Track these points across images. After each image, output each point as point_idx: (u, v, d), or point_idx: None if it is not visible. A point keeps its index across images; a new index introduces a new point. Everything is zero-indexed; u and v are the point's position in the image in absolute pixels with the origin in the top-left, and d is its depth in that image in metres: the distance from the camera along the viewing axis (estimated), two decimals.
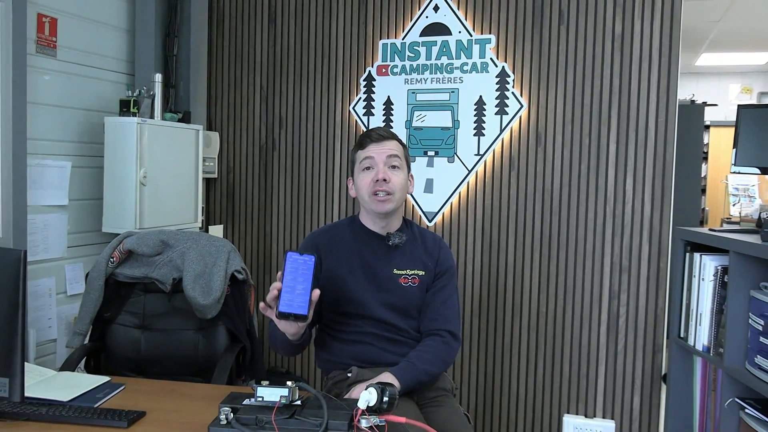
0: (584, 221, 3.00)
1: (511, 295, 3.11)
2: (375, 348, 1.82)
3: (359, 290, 1.86)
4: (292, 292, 1.47)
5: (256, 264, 3.55)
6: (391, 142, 1.89)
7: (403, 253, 1.91)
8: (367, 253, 1.90)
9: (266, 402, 1.30)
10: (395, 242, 1.89)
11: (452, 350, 1.86)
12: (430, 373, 1.79)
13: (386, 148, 1.87)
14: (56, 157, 2.82)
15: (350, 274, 1.88)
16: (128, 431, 1.60)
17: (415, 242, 1.95)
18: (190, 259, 2.42)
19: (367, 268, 1.89)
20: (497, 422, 3.15)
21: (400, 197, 1.89)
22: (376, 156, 1.85)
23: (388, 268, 1.89)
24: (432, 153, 3.22)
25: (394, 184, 1.85)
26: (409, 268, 1.90)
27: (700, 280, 2.15)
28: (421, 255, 1.93)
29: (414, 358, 1.77)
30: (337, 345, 1.89)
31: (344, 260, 1.90)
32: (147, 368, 2.41)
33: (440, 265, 1.94)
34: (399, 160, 1.88)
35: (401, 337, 1.86)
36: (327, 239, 1.94)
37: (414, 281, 1.90)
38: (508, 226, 3.11)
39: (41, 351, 2.79)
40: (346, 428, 1.25)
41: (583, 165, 3.00)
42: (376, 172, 1.84)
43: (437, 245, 1.97)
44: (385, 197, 1.85)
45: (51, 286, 2.84)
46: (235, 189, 3.58)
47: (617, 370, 2.96)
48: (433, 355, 1.80)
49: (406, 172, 1.93)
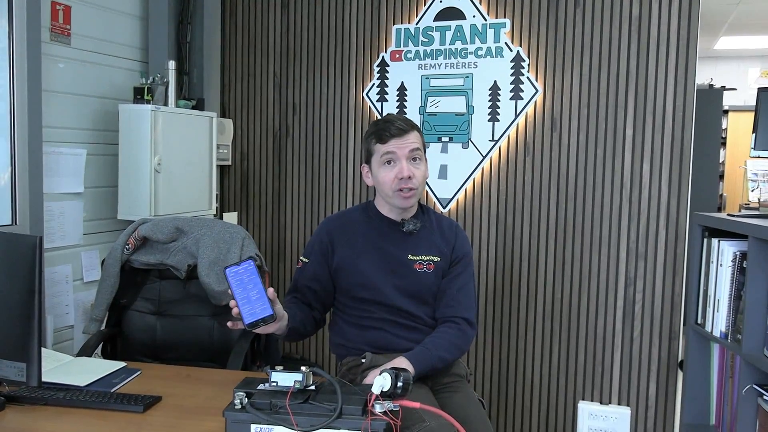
0: (600, 207, 2.97)
1: (525, 282, 3.10)
2: (389, 334, 1.82)
3: (374, 276, 1.85)
4: (249, 302, 1.47)
5: (270, 251, 3.56)
6: (412, 134, 1.86)
7: (418, 239, 1.90)
8: (382, 238, 1.89)
9: (280, 387, 1.30)
10: (410, 228, 1.88)
11: (468, 337, 1.85)
12: (445, 359, 1.78)
13: (408, 142, 1.84)
14: (71, 145, 2.84)
15: (364, 260, 1.87)
16: (144, 416, 1.62)
17: (431, 228, 1.93)
18: (204, 245, 2.42)
19: (381, 254, 1.87)
20: (512, 408, 3.14)
21: (422, 189, 1.90)
22: (398, 151, 1.83)
23: (403, 254, 1.88)
24: (446, 139, 3.20)
25: (418, 179, 1.85)
26: (424, 254, 1.89)
27: (718, 266, 2.12)
28: (437, 241, 1.91)
29: (429, 344, 1.76)
30: (351, 330, 1.89)
31: (358, 246, 1.89)
32: (162, 354, 2.43)
33: (456, 251, 1.92)
34: (420, 152, 1.87)
35: (416, 324, 1.85)
36: (341, 225, 1.93)
37: (429, 267, 1.88)
38: (523, 212, 3.09)
39: (59, 337, 2.82)
40: (361, 413, 1.24)
41: (599, 150, 2.96)
42: (400, 168, 1.81)
43: (454, 232, 1.95)
44: (409, 193, 1.84)
45: (67, 272, 2.86)
46: (248, 176, 3.58)
47: (633, 356, 2.94)
48: (448, 341, 1.79)
49: (426, 162, 1.93)
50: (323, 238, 1.93)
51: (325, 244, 1.92)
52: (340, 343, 1.92)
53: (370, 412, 1.24)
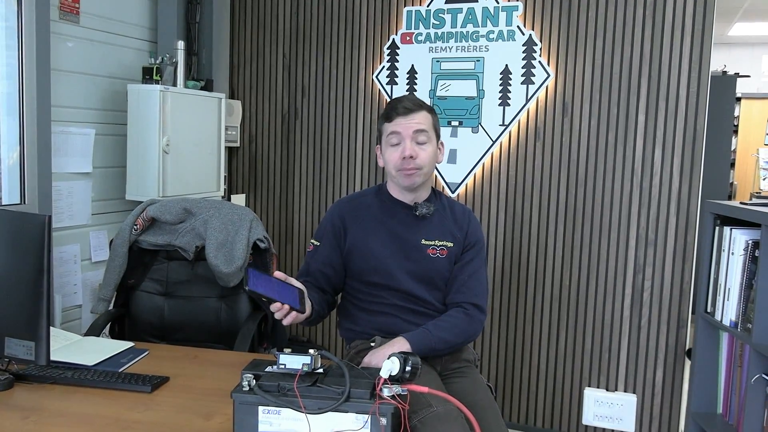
0: (610, 193, 2.95)
1: (534, 267, 3.08)
2: (399, 320, 1.80)
3: (386, 260, 1.83)
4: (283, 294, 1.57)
5: (278, 233, 3.55)
6: (419, 114, 1.82)
7: (431, 223, 1.87)
8: (395, 222, 1.87)
9: (288, 369, 1.30)
10: (423, 212, 1.85)
11: (475, 322, 1.82)
12: (447, 341, 1.75)
13: (413, 123, 1.80)
14: (80, 125, 2.83)
15: (377, 244, 1.85)
16: (152, 396, 1.62)
17: (444, 213, 1.91)
18: (212, 227, 2.42)
19: (394, 238, 1.85)
20: (518, 394, 3.15)
21: (428, 170, 1.85)
22: (403, 131, 1.80)
23: (416, 238, 1.85)
24: (456, 123, 3.18)
25: (422, 160, 1.81)
26: (437, 238, 1.86)
27: (730, 254, 2.10)
28: (450, 226, 1.89)
29: (430, 326, 1.75)
30: (360, 315, 1.88)
31: (371, 229, 1.87)
32: (170, 335, 2.44)
33: (469, 237, 1.89)
34: (427, 133, 1.82)
35: (426, 309, 1.83)
36: (353, 208, 1.91)
37: (442, 252, 1.86)
38: (533, 198, 3.07)
39: (67, 316, 2.83)
40: (368, 397, 1.24)
41: (610, 136, 2.94)
42: (403, 148, 1.79)
43: (467, 217, 1.93)
44: (413, 171, 1.81)
45: (76, 252, 2.87)
46: (257, 158, 3.57)
47: (640, 343, 2.93)
48: (451, 324, 1.77)
49: (435, 143, 1.87)
50: (335, 222, 1.90)
51: (338, 228, 1.89)
52: (349, 327, 1.91)
53: (378, 396, 1.24)
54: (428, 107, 1.87)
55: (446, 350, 1.79)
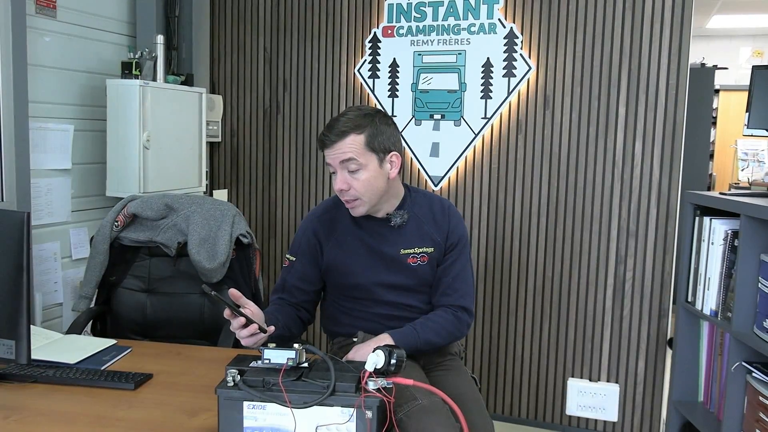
0: (592, 185, 2.97)
1: (517, 259, 3.10)
2: (382, 326, 1.77)
3: (366, 276, 1.79)
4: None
5: (261, 228, 3.54)
6: (345, 141, 1.67)
7: (408, 231, 1.80)
8: (370, 235, 1.80)
9: (273, 364, 1.29)
10: (398, 222, 1.78)
11: (462, 325, 1.79)
12: (432, 343, 1.73)
13: (339, 153, 1.68)
14: (58, 121, 2.79)
15: (355, 260, 1.80)
16: (136, 393, 1.61)
17: (420, 217, 1.83)
18: (194, 223, 2.40)
19: (371, 252, 1.79)
20: (501, 385, 3.17)
21: (371, 196, 1.72)
22: (332, 162, 1.70)
23: (394, 249, 1.79)
24: (438, 116, 3.18)
25: (357, 190, 1.70)
26: (416, 246, 1.80)
27: (710, 244, 2.12)
28: (428, 230, 1.82)
29: (418, 325, 1.72)
30: (342, 318, 1.86)
31: (347, 246, 1.81)
32: (153, 332, 2.41)
33: (451, 237, 1.82)
34: (356, 161, 1.67)
35: (411, 314, 1.81)
36: (327, 223, 1.84)
37: (423, 259, 1.80)
38: (515, 190, 3.08)
39: (48, 314, 2.80)
40: (354, 390, 1.24)
41: (591, 128, 2.95)
42: (336, 180, 1.72)
43: (446, 214, 1.84)
44: (353, 203, 1.73)
45: (56, 250, 2.84)
46: (239, 153, 3.55)
47: (622, 334, 2.96)
48: (439, 325, 1.74)
49: (376, 163, 1.70)
50: (310, 239, 1.84)
51: (313, 245, 1.84)
52: (332, 328, 1.90)
53: (363, 389, 1.24)
54: (359, 127, 1.68)
55: (429, 350, 1.78)
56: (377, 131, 1.71)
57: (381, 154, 1.72)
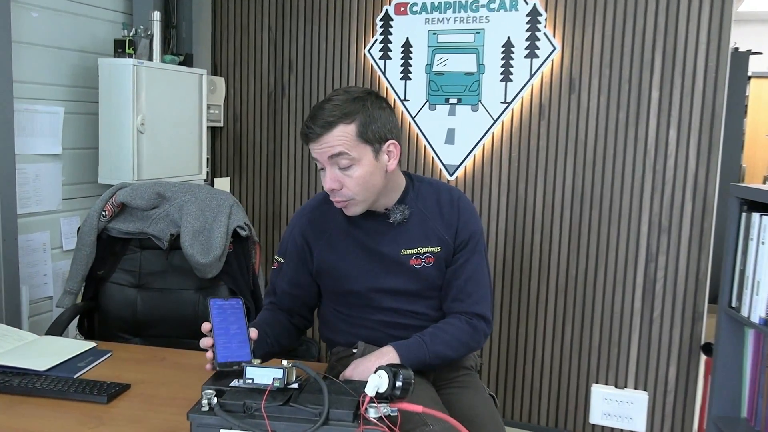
0: (621, 176, 2.74)
1: (538, 256, 2.88)
2: (385, 335, 1.56)
3: (361, 280, 1.57)
4: (228, 339, 1.26)
5: (264, 217, 3.35)
6: (330, 134, 1.43)
7: (410, 228, 1.57)
8: (366, 234, 1.58)
9: (257, 385, 1.09)
10: (398, 219, 1.55)
11: (478, 335, 1.56)
12: (443, 356, 1.50)
13: (325, 147, 1.44)
14: (47, 102, 2.62)
15: (348, 263, 1.58)
16: (108, 407, 1.43)
17: (425, 211, 1.59)
18: (188, 213, 2.22)
19: (368, 253, 1.57)
20: (520, 389, 2.96)
21: (367, 193, 1.49)
22: (320, 158, 1.47)
23: (395, 250, 1.56)
24: (454, 100, 2.96)
25: (350, 189, 1.47)
26: (420, 245, 1.56)
27: (759, 244, 1.89)
28: (434, 227, 1.58)
29: (427, 336, 1.49)
30: (340, 326, 1.65)
31: (339, 247, 1.59)
32: (143, 330, 2.26)
33: (461, 233, 1.58)
34: (348, 155, 1.44)
35: (417, 322, 1.58)
36: (315, 221, 1.62)
37: (428, 260, 1.56)
38: (536, 181, 2.86)
39: (36, 309, 2.64)
40: (351, 419, 1.04)
41: (621, 114, 2.72)
42: (324, 178, 1.48)
43: (455, 208, 1.59)
44: (345, 203, 1.50)
45: (45, 240, 2.67)
46: (242, 139, 3.36)
47: (652, 338, 2.74)
48: (451, 336, 1.51)
49: (371, 157, 1.47)
50: (297, 240, 1.62)
51: (301, 246, 1.62)
52: (329, 336, 1.69)
53: (362, 418, 1.04)
54: (348, 114, 1.44)
55: (440, 365, 1.55)
56: (370, 118, 1.46)
57: (376, 144, 1.47)
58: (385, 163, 1.50)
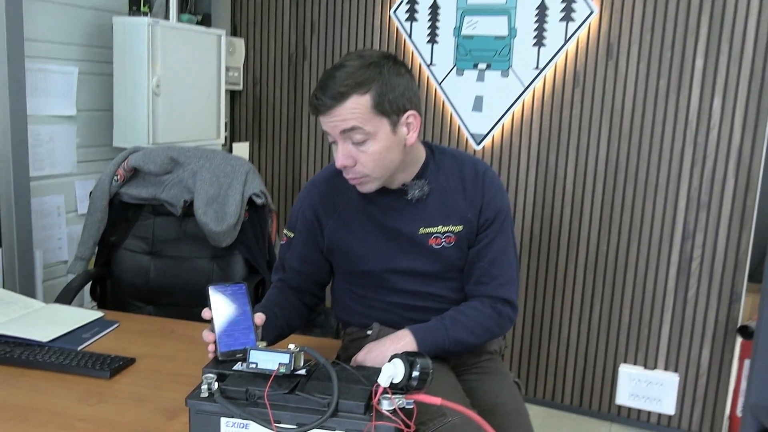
0: (659, 148, 2.59)
1: (567, 230, 2.75)
2: (402, 318, 1.45)
3: (374, 260, 1.46)
4: (230, 327, 1.16)
5: (283, 184, 3.26)
6: (342, 107, 1.29)
7: (429, 205, 1.44)
8: (381, 211, 1.45)
9: (261, 370, 1.00)
10: (416, 195, 1.42)
11: (504, 320, 1.43)
12: (464, 342, 1.38)
13: (337, 121, 1.30)
14: (61, 62, 2.53)
15: (363, 243, 1.46)
16: (110, 382, 1.36)
17: (446, 187, 1.46)
18: (202, 179, 2.13)
19: (383, 232, 1.45)
20: (544, 367, 2.86)
21: (384, 170, 1.36)
22: (331, 132, 1.34)
23: (412, 228, 1.43)
24: (483, 66, 2.81)
25: (364, 165, 1.34)
26: (440, 223, 1.43)
27: None
28: (456, 204, 1.44)
29: (447, 320, 1.38)
30: (354, 307, 1.54)
31: (352, 224, 1.47)
32: (156, 298, 2.21)
33: (486, 211, 1.44)
34: (362, 129, 1.30)
35: (436, 304, 1.47)
36: (326, 195, 1.50)
37: (449, 240, 1.43)
38: (568, 152, 2.72)
39: (50, 273, 2.59)
40: (363, 411, 0.94)
41: (662, 82, 2.56)
42: (337, 154, 1.35)
43: (480, 183, 1.45)
44: (360, 180, 1.38)
45: (59, 204, 2.61)
46: (261, 102, 3.25)
47: (686, 318, 2.61)
48: (474, 321, 1.39)
49: (388, 130, 1.33)
50: (307, 215, 1.51)
51: (311, 221, 1.50)
52: (342, 316, 1.59)
53: (375, 410, 0.94)
54: (362, 84, 1.29)
55: (460, 352, 1.44)
56: (387, 86, 1.30)
57: (394, 116, 1.33)
58: (404, 137, 1.36)
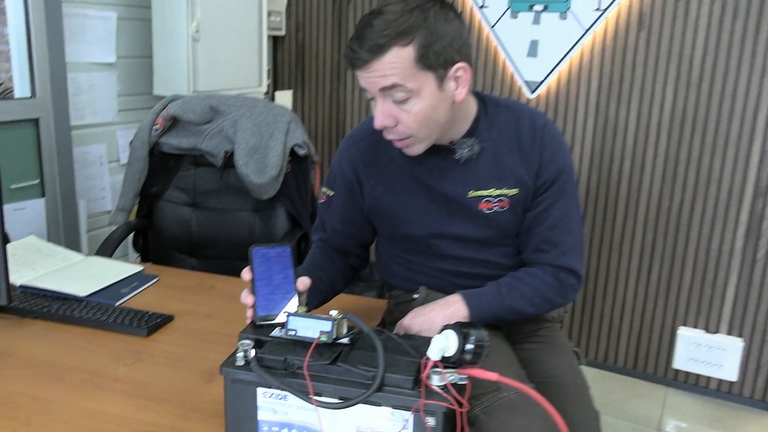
0: (731, 98, 2.38)
1: (627, 185, 2.59)
2: (451, 284, 1.33)
3: (420, 225, 1.33)
4: (270, 290, 1.08)
5: (328, 134, 3.16)
6: (381, 61, 1.13)
7: (480, 166, 1.29)
8: (427, 172, 1.31)
9: (301, 338, 0.92)
10: (465, 155, 1.27)
11: (566, 291, 1.30)
12: (520, 312, 1.26)
13: (375, 77, 1.15)
14: (99, 7, 2.45)
15: (407, 205, 1.33)
16: (147, 341, 1.31)
17: (500, 144, 1.30)
18: (242, 129, 2.05)
19: (429, 194, 1.31)
20: (597, 327, 2.74)
21: (429, 130, 1.21)
22: (369, 88, 1.18)
23: (461, 191, 1.29)
24: (540, 7, 2.62)
25: (407, 125, 1.19)
26: (493, 186, 1.29)
27: None
28: (512, 165, 1.29)
29: (504, 286, 1.26)
30: (400, 271, 1.43)
31: (395, 185, 1.34)
32: (198, 250, 2.17)
33: (545, 172, 1.28)
34: (404, 87, 1.14)
35: (490, 270, 1.34)
36: (367, 153, 1.36)
37: (502, 204, 1.29)
38: (630, 101, 2.54)
39: (94, 223, 2.58)
40: (411, 386, 0.86)
41: (737, 25, 2.34)
42: (376, 112, 1.20)
43: (538, 140, 1.29)
44: (404, 142, 1.23)
45: (101, 153, 2.58)
46: (305, 49, 3.13)
47: (753, 281, 2.45)
48: (533, 290, 1.27)
49: (434, 86, 1.17)
50: (346, 173, 1.38)
51: (350, 181, 1.37)
52: (387, 278, 1.48)
53: (424, 385, 0.85)
54: (404, 33, 1.12)
55: (515, 321, 1.33)
56: (433, 35, 1.14)
57: (441, 70, 1.16)
58: (452, 92, 1.20)
